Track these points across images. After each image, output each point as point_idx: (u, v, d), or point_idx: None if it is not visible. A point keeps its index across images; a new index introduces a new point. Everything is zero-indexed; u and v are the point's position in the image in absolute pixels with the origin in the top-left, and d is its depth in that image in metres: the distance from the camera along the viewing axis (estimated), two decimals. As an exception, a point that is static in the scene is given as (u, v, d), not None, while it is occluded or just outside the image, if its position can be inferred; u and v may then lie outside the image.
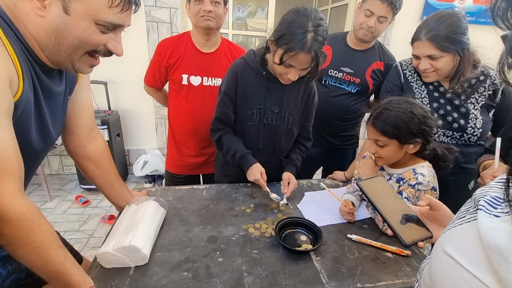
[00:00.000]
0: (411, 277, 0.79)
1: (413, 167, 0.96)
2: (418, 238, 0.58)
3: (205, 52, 1.38)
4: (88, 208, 2.30)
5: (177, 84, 1.39)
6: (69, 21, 0.56)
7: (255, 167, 1.12)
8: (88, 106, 0.87)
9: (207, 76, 1.38)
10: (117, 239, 0.79)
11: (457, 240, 0.37)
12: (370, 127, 0.95)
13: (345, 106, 1.48)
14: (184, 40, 1.37)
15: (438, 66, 1.04)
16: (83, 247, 1.88)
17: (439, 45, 1.00)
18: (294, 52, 0.91)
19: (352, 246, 0.90)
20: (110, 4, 0.58)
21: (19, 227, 0.56)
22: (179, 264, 0.80)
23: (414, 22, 2.58)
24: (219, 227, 0.96)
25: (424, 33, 1.03)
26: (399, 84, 1.23)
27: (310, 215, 1.04)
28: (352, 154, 1.69)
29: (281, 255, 0.85)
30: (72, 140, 0.87)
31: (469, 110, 1.09)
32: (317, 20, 0.91)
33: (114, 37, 0.64)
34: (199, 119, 1.42)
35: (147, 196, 1.05)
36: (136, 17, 0.84)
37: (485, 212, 0.34)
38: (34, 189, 2.51)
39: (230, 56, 1.43)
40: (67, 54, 0.61)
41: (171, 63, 1.36)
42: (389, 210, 0.62)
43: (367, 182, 0.69)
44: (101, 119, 2.29)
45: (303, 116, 1.19)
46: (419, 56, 1.07)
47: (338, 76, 1.44)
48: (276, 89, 1.09)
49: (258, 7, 4.45)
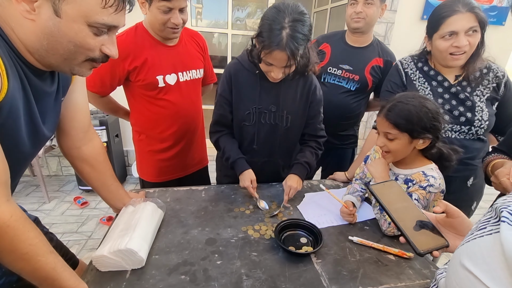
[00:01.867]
0: (414, 280, 0.78)
1: (422, 169, 0.94)
2: (433, 247, 0.54)
3: (171, 46, 1.20)
4: (86, 209, 2.29)
5: (151, 88, 1.18)
6: (61, 24, 0.54)
7: (246, 174, 1.10)
8: (83, 107, 0.84)
9: (182, 71, 1.23)
10: (113, 242, 0.77)
11: (477, 254, 0.34)
12: (382, 119, 0.93)
13: (345, 105, 1.47)
14: (143, 36, 1.15)
15: (473, 43, 1.01)
16: (81, 248, 1.86)
17: (480, 16, 0.99)
18: (270, 49, 0.89)
19: (353, 248, 0.89)
20: (104, 5, 0.55)
21: (1, 234, 0.53)
22: (177, 267, 0.78)
23: (415, 21, 2.57)
24: (218, 229, 0.94)
25: (462, 6, 1.00)
26: (400, 83, 1.21)
27: (311, 217, 1.03)
28: (351, 154, 1.68)
29: (281, 258, 0.83)
30: (66, 141, 0.85)
31: (474, 103, 1.08)
32: (294, 15, 0.88)
33: (108, 39, 0.61)
34: (186, 119, 1.29)
35: (145, 198, 1.04)
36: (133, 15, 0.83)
37: (509, 224, 0.31)
38: (32, 190, 2.50)
39: (193, 42, 1.30)
40: (64, 59, 0.59)
41: (137, 66, 1.14)
42: (402, 216, 0.59)
43: (379, 186, 0.65)
44: (99, 120, 2.27)
45: (305, 114, 1.16)
46: (457, 32, 1.01)
47: (337, 74, 1.43)
48: (272, 87, 1.07)
49: (258, 8, 4.44)
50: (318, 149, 1.22)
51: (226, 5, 2.63)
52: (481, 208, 1.20)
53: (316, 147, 1.21)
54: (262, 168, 1.15)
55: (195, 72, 1.28)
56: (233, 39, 2.77)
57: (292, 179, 1.11)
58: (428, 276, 0.79)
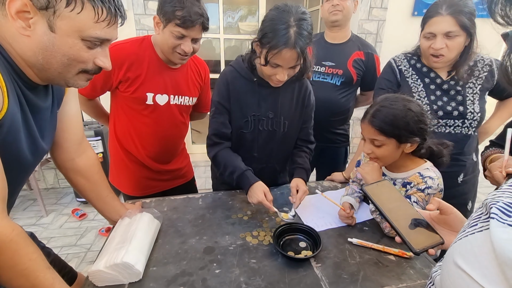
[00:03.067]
0: (415, 280, 0.77)
1: (417, 170, 0.93)
2: (428, 245, 0.54)
3: (172, 68, 1.18)
4: (85, 221, 2.27)
5: (137, 103, 1.15)
6: (56, 39, 0.55)
7: (257, 186, 0.99)
8: (76, 118, 0.84)
9: (174, 94, 1.19)
10: (109, 256, 0.76)
11: (469, 252, 0.34)
12: (367, 125, 0.90)
13: (333, 101, 1.49)
14: (147, 50, 1.12)
15: (452, 46, 1.02)
16: (80, 262, 1.84)
17: (459, 21, 0.98)
18: (278, 49, 0.87)
19: (353, 250, 0.88)
20: (96, 19, 0.57)
21: (3, 249, 0.54)
22: (175, 278, 0.77)
23: (406, 19, 2.58)
24: (216, 237, 0.93)
25: (445, 8, 1.00)
26: (394, 81, 1.21)
27: (309, 220, 1.02)
28: (344, 153, 1.69)
29: (280, 264, 0.82)
30: (60, 154, 0.85)
31: (465, 97, 1.09)
32: (299, 14, 0.88)
33: (101, 52, 0.63)
34: (167, 141, 1.26)
35: (141, 209, 1.03)
36: (125, 26, 0.83)
37: (498, 221, 0.31)
38: (29, 205, 2.47)
39: (195, 70, 1.27)
40: (58, 72, 0.60)
41: (130, 78, 1.10)
42: (396, 216, 0.59)
43: (372, 186, 0.65)
44: (94, 130, 2.26)
45: (300, 118, 1.16)
46: (435, 34, 1.03)
47: (321, 71, 1.48)
48: (269, 94, 1.06)
49: (249, 11, 4.46)
50: (310, 155, 1.22)
51: (217, 10, 2.64)
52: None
53: (309, 152, 1.22)
54: (260, 174, 1.14)
55: (187, 99, 1.24)
56: (225, 43, 2.77)
57: (302, 183, 1.06)
58: (429, 276, 0.78)
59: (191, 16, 0.99)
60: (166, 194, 1.31)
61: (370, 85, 1.52)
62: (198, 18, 1.01)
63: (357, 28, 2.54)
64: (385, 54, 2.60)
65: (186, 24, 1.00)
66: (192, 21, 1.00)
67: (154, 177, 1.30)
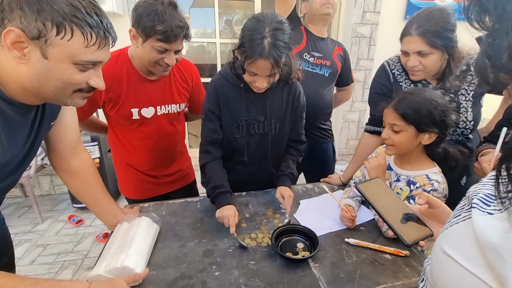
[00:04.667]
0: (410, 278, 0.78)
1: (425, 172, 0.94)
2: (419, 237, 0.58)
3: (152, 79, 1.13)
4: (81, 227, 2.25)
5: (124, 119, 1.14)
6: (49, 65, 0.58)
7: (227, 209, 0.98)
8: (72, 123, 0.87)
9: (160, 104, 1.17)
10: (109, 260, 0.76)
11: (454, 239, 0.37)
12: (390, 110, 0.93)
13: (321, 95, 1.54)
14: (123, 67, 1.08)
15: (426, 64, 1.03)
16: (77, 268, 1.83)
17: (429, 40, 0.99)
18: (252, 59, 0.90)
19: (350, 250, 0.89)
20: (86, 44, 0.60)
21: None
22: (175, 281, 0.77)
23: (398, 21, 2.64)
24: (215, 239, 0.94)
25: (415, 28, 1.01)
26: (388, 84, 1.21)
27: (308, 225, 1.00)
28: (332, 151, 1.70)
29: (278, 265, 0.83)
30: (56, 157, 0.89)
31: (459, 104, 1.09)
32: (274, 24, 0.90)
33: (94, 73, 0.66)
34: (161, 150, 1.25)
35: (140, 213, 1.03)
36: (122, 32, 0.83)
37: (478, 210, 0.34)
38: (24, 212, 2.45)
39: (179, 76, 1.22)
40: (54, 95, 0.63)
41: (111, 98, 1.08)
42: (388, 210, 0.62)
43: (365, 184, 0.69)
44: (90, 136, 2.25)
45: (291, 120, 1.17)
46: (408, 53, 1.06)
47: (310, 61, 1.51)
48: (257, 98, 1.08)
49: (245, 15, 4.49)
50: (298, 156, 1.23)
51: (213, 14, 2.66)
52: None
53: (296, 154, 1.22)
54: (254, 176, 1.15)
55: (174, 107, 1.22)
56: (221, 47, 2.80)
57: (286, 190, 1.09)
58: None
59: (173, 30, 0.96)
60: (168, 196, 1.32)
61: (347, 80, 1.70)
62: (180, 32, 0.98)
63: (351, 31, 2.59)
64: (379, 57, 2.67)
65: (169, 39, 0.97)
66: (175, 35, 0.97)
67: (154, 181, 1.30)
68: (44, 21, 0.55)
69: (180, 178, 1.39)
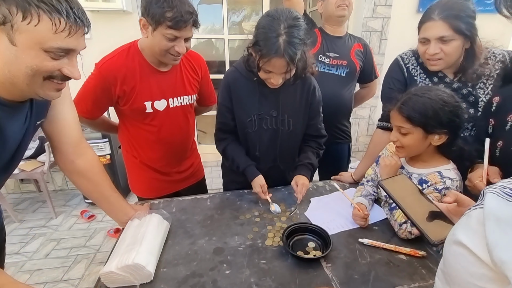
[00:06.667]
0: (427, 280, 0.76)
1: (438, 169, 0.91)
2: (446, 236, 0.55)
3: (163, 71, 1.14)
4: (93, 222, 2.29)
5: (138, 113, 1.14)
6: (18, 52, 0.56)
7: (256, 181, 1.11)
8: (70, 121, 0.85)
9: (173, 97, 1.17)
10: (120, 257, 0.76)
11: (467, 225, 0.38)
12: (396, 113, 0.91)
13: (338, 94, 1.50)
14: (135, 59, 1.08)
15: (448, 51, 0.99)
16: (90, 263, 1.86)
17: (453, 25, 0.95)
18: (268, 57, 0.89)
19: (363, 250, 0.87)
20: (55, 30, 0.57)
21: None
22: (186, 279, 0.77)
23: (411, 14, 2.56)
24: (225, 237, 0.93)
25: (438, 13, 0.98)
26: (402, 79, 1.18)
27: (320, 223, 0.98)
28: (348, 151, 1.67)
29: (290, 264, 0.82)
30: (60, 157, 0.88)
31: (477, 98, 1.05)
32: (289, 21, 0.88)
33: (68, 62, 0.63)
34: (173, 144, 1.25)
35: (150, 210, 1.03)
36: (132, 28, 0.83)
37: (492, 193, 0.35)
38: (39, 206, 2.51)
39: (189, 67, 1.22)
40: (26, 84, 0.61)
41: (126, 91, 1.08)
42: (414, 208, 0.60)
43: (389, 181, 0.67)
44: (101, 132, 2.28)
45: (306, 116, 1.16)
46: (429, 39, 1.01)
47: (326, 62, 1.49)
48: (270, 93, 1.07)
49: (253, 11, 4.45)
50: (319, 149, 1.22)
51: (221, 10, 2.64)
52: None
53: (316, 147, 1.21)
54: (268, 174, 1.14)
55: (186, 98, 1.22)
56: (229, 44, 2.78)
57: (301, 178, 1.11)
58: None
59: (183, 16, 0.95)
60: (179, 194, 1.33)
61: (370, 76, 1.62)
62: (189, 17, 0.97)
63: (362, 26, 2.53)
64: (390, 51, 2.59)
65: (179, 25, 0.96)
66: (185, 21, 0.96)
67: (166, 179, 1.30)
68: (9, 7, 0.53)
69: (191, 175, 1.39)
